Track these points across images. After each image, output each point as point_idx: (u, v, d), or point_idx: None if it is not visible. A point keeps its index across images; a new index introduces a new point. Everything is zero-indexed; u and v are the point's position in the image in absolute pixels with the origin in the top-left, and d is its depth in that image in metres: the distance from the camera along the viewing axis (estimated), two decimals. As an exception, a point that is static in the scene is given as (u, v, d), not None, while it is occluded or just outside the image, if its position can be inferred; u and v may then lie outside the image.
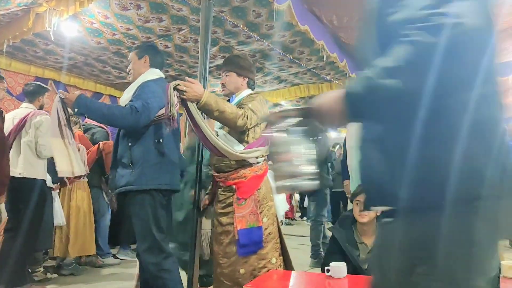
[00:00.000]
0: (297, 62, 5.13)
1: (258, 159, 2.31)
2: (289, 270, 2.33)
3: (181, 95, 2.12)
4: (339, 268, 2.11)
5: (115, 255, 4.67)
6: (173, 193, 2.43)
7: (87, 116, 2.50)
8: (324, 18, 3.93)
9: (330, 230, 2.65)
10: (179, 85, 2.11)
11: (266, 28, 4.19)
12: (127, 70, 2.56)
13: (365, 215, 2.39)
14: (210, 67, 4.09)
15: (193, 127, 2.21)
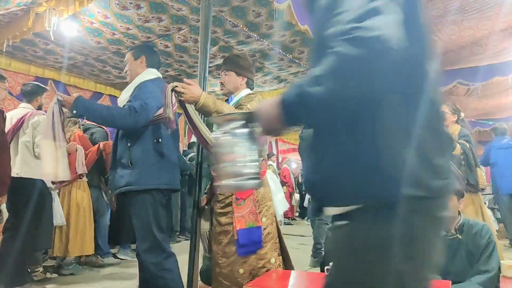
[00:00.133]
0: (297, 61, 5.12)
1: (257, 159, 2.30)
2: (289, 270, 2.33)
3: (179, 97, 2.12)
4: (338, 268, 2.10)
5: (115, 255, 4.67)
6: (173, 192, 2.43)
7: (86, 118, 2.49)
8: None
9: (330, 230, 2.64)
10: (177, 86, 2.11)
11: (266, 27, 4.18)
12: (124, 71, 2.56)
13: None
14: (210, 67, 4.09)
15: (191, 128, 2.21)
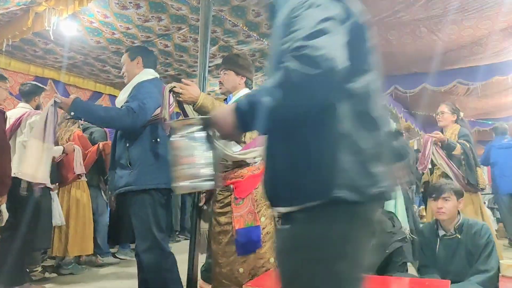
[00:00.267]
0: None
1: (255, 159, 2.30)
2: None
3: (177, 97, 2.12)
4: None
5: (115, 254, 4.67)
6: (172, 192, 2.42)
7: (84, 119, 2.49)
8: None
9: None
10: (175, 87, 2.11)
11: (266, 27, 4.17)
12: (121, 73, 2.56)
13: None
14: (210, 67, 4.09)
15: None
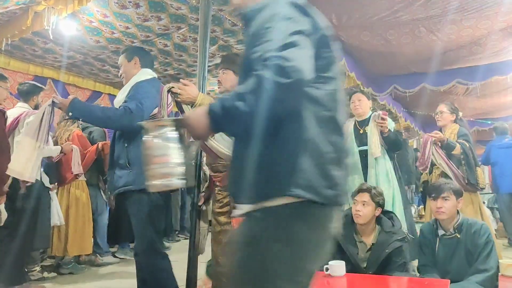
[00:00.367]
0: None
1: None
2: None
3: (175, 98, 2.12)
4: (337, 267, 2.11)
5: (114, 254, 4.67)
6: (171, 192, 2.43)
7: (82, 119, 2.50)
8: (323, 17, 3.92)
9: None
10: (173, 87, 2.11)
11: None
12: (119, 74, 2.56)
13: (359, 215, 2.39)
14: (209, 66, 4.09)
15: None
